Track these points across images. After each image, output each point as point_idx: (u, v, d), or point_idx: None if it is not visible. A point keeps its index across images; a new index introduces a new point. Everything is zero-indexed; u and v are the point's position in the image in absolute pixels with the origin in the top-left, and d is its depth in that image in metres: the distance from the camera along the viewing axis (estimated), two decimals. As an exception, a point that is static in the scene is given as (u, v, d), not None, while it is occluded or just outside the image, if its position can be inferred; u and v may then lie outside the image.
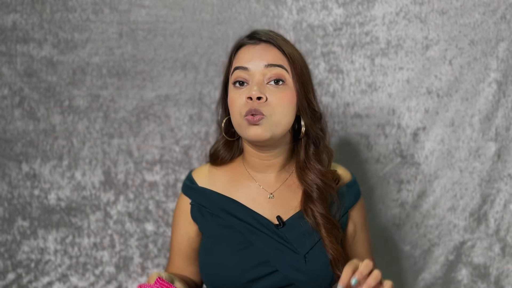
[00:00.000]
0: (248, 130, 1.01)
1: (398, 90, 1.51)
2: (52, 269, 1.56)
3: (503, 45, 1.48)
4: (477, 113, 1.50)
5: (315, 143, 1.11)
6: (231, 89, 1.05)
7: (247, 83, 1.02)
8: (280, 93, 1.01)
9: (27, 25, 1.52)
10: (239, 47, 1.07)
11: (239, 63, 1.03)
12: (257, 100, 0.98)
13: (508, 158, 1.50)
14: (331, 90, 1.52)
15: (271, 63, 1.01)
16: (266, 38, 1.04)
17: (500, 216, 1.52)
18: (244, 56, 1.04)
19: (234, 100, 1.02)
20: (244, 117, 1.00)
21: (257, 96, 0.98)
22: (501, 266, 1.53)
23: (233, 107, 1.03)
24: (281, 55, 1.03)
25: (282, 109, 1.01)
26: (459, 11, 1.49)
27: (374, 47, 1.51)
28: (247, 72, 1.01)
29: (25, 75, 1.53)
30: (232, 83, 1.04)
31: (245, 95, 1.00)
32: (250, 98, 0.99)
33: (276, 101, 1.00)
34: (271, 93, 1.00)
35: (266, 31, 1.07)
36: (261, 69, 1.01)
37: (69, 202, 1.55)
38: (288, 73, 1.02)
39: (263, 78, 1.01)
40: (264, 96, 0.99)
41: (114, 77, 1.53)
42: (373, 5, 1.50)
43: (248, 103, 0.99)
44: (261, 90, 0.99)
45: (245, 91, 1.01)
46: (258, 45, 1.04)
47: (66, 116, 1.54)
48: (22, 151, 1.54)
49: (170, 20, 1.52)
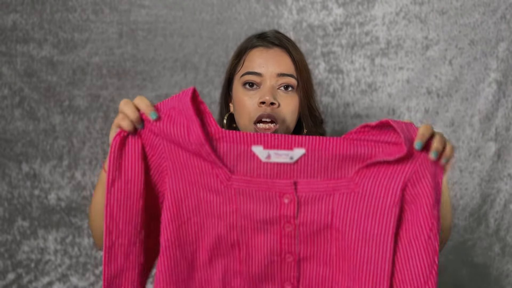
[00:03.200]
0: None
1: (398, 90, 1.51)
2: (52, 269, 1.56)
3: (503, 45, 1.48)
4: (477, 113, 1.50)
5: None
6: (239, 90, 1.04)
7: (258, 86, 1.02)
8: (289, 99, 1.02)
9: (27, 25, 1.52)
10: (250, 48, 1.07)
11: (251, 67, 1.03)
12: (271, 105, 0.99)
13: (508, 158, 1.50)
14: (331, 90, 1.52)
15: (284, 73, 1.02)
16: (278, 43, 1.05)
17: (500, 216, 1.52)
18: (257, 60, 1.04)
19: (243, 102, 1.02)
20: (254, 124, 1.00)
21: (271, 101, 0.99)
22: (501, 266, 1.53)
23: (242, 109, 1.03)
24: (291, 63, 1.03)
25: (291, 115, 1.03)
26: (459, 11, 1.49)
27: (374, 47, 1.51)
28: (260, 76, 1.02)
29: (25, 75, 1.53)
30: (242, 84, 1.04)
31: (257, 99, 1.00)
32: (263, 103, 0.99)
33: (286, 107, 1.01)
34: (282, 99, 1.01)
35: (276, 34, 1.08)
36: (274, 76, 1.01)
37: (69, 202, 1.55)
38: (296, 80, 1.03)
39: (275, 83, 1.01)
40: (277, 102, 1.00)
41: (114, 77, 1.53)
42: (373, 5, 1.50)
43: (261, 108, 1.00)
44: (274, 95, 1.00)
45: (256, 94, 1.01)
46: (271, 49, 1.05)
47: (66, 116, 1.54)
48: (22, 151, 1.54)
49: (170, 20, 1.52)
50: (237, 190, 0.78)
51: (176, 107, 0.77)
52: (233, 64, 1.09)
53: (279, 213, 0.78)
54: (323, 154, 0.77)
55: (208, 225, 0.79)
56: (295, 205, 0.78)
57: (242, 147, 0.78)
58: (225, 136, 0.78)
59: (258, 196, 0.78)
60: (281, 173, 0.78)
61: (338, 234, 0.79)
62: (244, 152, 0.78)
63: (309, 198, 0.78)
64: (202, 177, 0.78)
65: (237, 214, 0.79)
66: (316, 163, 0.78)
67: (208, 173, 0.77)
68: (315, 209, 0.78)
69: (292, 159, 0.78)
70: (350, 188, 0.78)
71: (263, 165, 0.78)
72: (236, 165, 0.78)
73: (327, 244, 0.80)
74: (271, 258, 0.81)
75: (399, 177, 0.76)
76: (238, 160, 0.78)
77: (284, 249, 0.81)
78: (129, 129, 0.77)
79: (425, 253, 0.76)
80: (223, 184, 0.78)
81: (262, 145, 0.77)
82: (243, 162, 0.78)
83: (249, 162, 0.78)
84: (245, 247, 0.81)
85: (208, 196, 0.78)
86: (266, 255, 0.81)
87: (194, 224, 0.79)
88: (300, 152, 0.77)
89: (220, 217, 0.79)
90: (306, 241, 0.80)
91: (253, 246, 0.81)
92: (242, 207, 0.78)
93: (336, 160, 0.78)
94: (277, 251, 0.80)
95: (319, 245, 0.80)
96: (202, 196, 0.78)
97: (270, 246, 0.80)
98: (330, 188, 0.78)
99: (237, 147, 0.78)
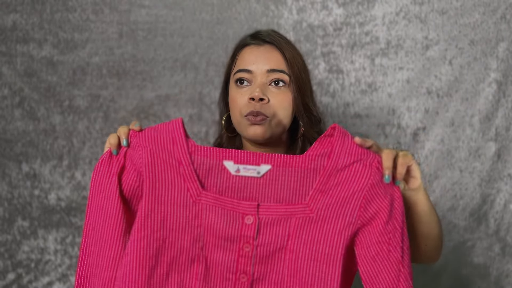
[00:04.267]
0: (248, 129, 1.02)
1: (398, 90, 1.51)
2: (52, 269, 1.56)
3: (503, 45, 1.48)
4: (477, 113, 1.50)
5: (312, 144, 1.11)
6: (232, 87, 1.06)
7: (249, 83, 1.03)
8: (281, 95, 1.02)
9: (27, 25, 1.52)
10: (242, 46, 1.08)
11: (242, 65, 1.04)
12: (260, 101, 0.99)
13: (508, 158, 1.50)
14: (331, 90, 1.52)
15: (274, 69, 1.02)
16: (270, 40, 1.05)
17: (500, 216, 1.52)
18: (247, 58, 1.04)
19: (235, 99, 1.03)
20: (244, 117, 1.01)
21: (260, 97, 0.99)
22: (501, 266, 1.53)
23: (234, 106, 1.04)
24: (282, 59, 1.04)
25: (283, 111, 1.02)
26: (459, 11, 1.49)
27: (374, 47, 1.51)
28: (250, 74, 1.02)
29: (25, 75, 1.53)
30: (234, 82, 1.05)
31: (247, 95, 1.01)
32: (252, 99, 0.99)
33: (277, 103, 1.01)
34: (272, 95, 1.01)
35: (269, 32, 1.08)
36: (264, 72, 1.02)
37: (69, 202, 1.55)
38: (289, 76, 1.03)
39: (266, 80, 1.02)
40: (266, 97, 1.00)
41: (114, 77, 1.53)
42: (373, 5, 1.50)
43: (250, 104, 1.00)
44: (263, 91, 1.00)
45: (247, 91, 1.02)
46: (262, 46, 1.05)
47: (66, 116, 1.54)
48: (22, 151, 1.54)
49: (170, 20, 1.52)
50: (204, 205, 0.83)
51: (164, 128, 0.87)
52: (228, 64, 1.10)
53: (240, 232, 0.83)
54: (287, 169, 0.85)
55: (171, 239, 0.83)
56: (255, 226, 0.83)
57: (214, 160, 0.85)
58: (199, 150, 0.85)
59: (223, 214, 0.83)
60: (247, 195, 0.85)
61: (292, 255, 0.83)
62: (216, 166, 0.85)
63: (269, 221, 0.83)
64: (172, 192, 0.83)
65: (202, 228, 0.83)
66: (280, 178, 0.85)
67: (180, 187, 0.83)
68: (273, 231, 0.83)
69: (259, 173, 0.85)
70: (305, 213, 0.84)
71: (232, 180, 0.85)
72: (207, 178, 0.84)
73: (280, 265, 0.84)
74: (226, 276, 0.84)
75: (350, 201, 0.82)
76: (209, 173, 0.85)
77: (240, 269, 0.84)
78: (115, 145, 0.86)
79: (389, 266, 0.82)
80: (192, 199, 0.83)
81: (232, 160, 0.85)
82: (214, 175, 0.84)
83: (220, 176, 0.85)
84: (205, 262, 0.84)
85: (176, 210, 0.83)
86: (223, 272, 0.84)
87: (156, 239, 0.82)
88: (266, 168, 0.85)
89: (185, 230, 0.83)
90: (261, 262, 0.84)
91: (212, 261, 0.84)
92: (207, 222, 0.83)
93: (297, 176, 0.85)
94: (233, 269, 0.84)
95: (273, 266, 0.84)
96: (169, 211, 0.83)
97: (227, 264, 0.84)
98: (288, 212, 0.84)
99: (210, 160, 0.85)
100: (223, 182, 0.84)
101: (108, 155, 0.86)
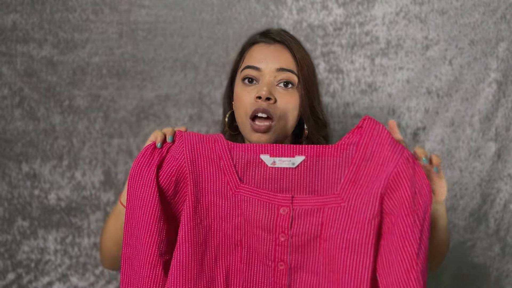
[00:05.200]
0: (252, 135, 1.00)
1: (398, 90, 1.51)
2: (52, 269, 1.56)
3: (503, 45, 1.48)
4: (477, 113, 1.50)
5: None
6: (239, 85, 1.04)
7: (257, 81, 1.01)
8: (288, 96, 1.00)
9: (27, 25, 1.52)
10: (251, 44, 1.07)
11: (251, 62, 1.02)
12: (266, 100, 0.98)
13: (508, 158, 1.50)
14: (331, 90, 1.52)
15: (283, 68, 1.00)
16: (280, 39, 1.03)
17: (500, 216, 1.52)
18: (257, 56, 1.03)
19: (241, 97, 1.01)
20: (249, 119, 0.99)
21: (267, 96, 0.97)
22: (501, 266, 1.53)
23: (239, 104, 1.02)
24: (292, 59, 1.02)
25: (290, 112, 1.01)
26: (459, 11, 1.49)
27: (374, 47, 1.51)
28: (258, 71, 1.01)
29: (25, 75, 1.53)
30: (241, 79, 1.03)
31: (254, 94, 0.99)
32: (259, 98, 0.98)
33: (284, 104, 0.99)
34: (280, 95, 0.99)
35: (280, 31, 1.06)
36: (273, 71, 1.00)
37: (69, 202, 1.55)
38: (297, 77, 1.02)
39: (274, 79, 1.00)
40: (273, 97, 0.98)
41: (114, 77, 1.53)
42: (373, 5, 1.50)
43: (256, 102, 0.98)
44: (271, 91, 0.99)
45: (254, 89, 1.00)
46: (272, 45, 1.03)
47: (66, 116, 1.54)
48: (22, 151, 1.54)
49: (170, 20, 1.52)
50: (243, 197, 0.89)
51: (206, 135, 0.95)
52: (236, 61, 1.09)
53: (275, 222, 0.87)
54: (320, 159, 0.89)
55: (215, 227, 0.89)
56: (289, 217, 0.87)
57: (252, 155, 0.90)
58: (238, 146, 0.91)
59: (260, 205, 0.88)
60: (282, 186, 0.90)
61: (326, 244, 0.86)
62: (253, 160, 0.90)
63: (302, 211, 0.87)
64: (214, 184, 0.89)
65: (242, 217, 0.89)
66: (313, 168, 0.89)
67: (220, 180, 0.89)
68: (306, 221, 0.87)
69: (294, 164, 0.89)
70: (337, 203, 0.87)
71: (268, 172, 0.90)
72: (245, 172, 0.90)
73: (316, 254, 0.88)
74: (266, 263, 0.89)
75: (377, 192, 0.84)
76: (247, 166, 0.90)
77: (278, 257, 0.89)
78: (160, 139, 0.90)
79: (402, 260, 0.82)
80: (231, 191, 0.89)
81: (268, 154, 0.90)
82: (252, 169, 0.90)
83: (257, 169, 0.90)
84: (247, 247, 0.90)
85: (218, 201, 0.89)
86: (263, 259, 0.89)
87: (204, 227, 0.89)
88: (300, 159, 0.89)
89: (227, 219, 0.89)
90: (298, 251, 0.88)
91: (253, 248, 0.90)
92: (246, 212, 0.89)
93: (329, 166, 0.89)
94: (271, 257, 0.89)
95: (309, 255, 0.88)
96: (212, 201, 0.89)
97: (266, 252, 0.89)
98: (320, 203, 0.87)
99: (247, 155, 0.90)
100: (260, 175, 0.90)
101: (152, 147, 0.90)
